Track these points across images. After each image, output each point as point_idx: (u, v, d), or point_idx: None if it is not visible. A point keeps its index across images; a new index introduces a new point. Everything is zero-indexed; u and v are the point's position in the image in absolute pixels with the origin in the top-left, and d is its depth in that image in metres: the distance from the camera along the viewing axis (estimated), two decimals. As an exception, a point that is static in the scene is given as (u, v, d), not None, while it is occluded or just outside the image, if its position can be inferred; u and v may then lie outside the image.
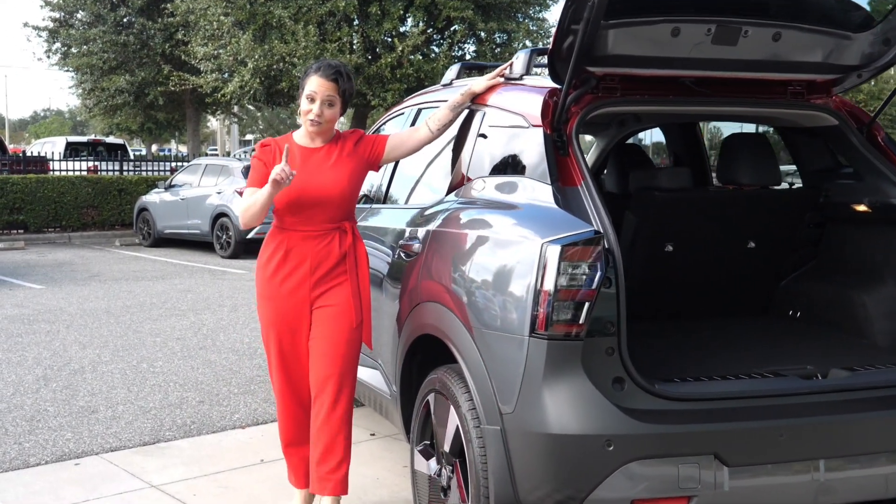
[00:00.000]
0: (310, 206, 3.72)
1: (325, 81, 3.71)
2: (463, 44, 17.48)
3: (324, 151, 3.79)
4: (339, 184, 3.74)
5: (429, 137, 3.88)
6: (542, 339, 2.91)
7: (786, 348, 3.69)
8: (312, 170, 3.73)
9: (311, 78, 3.73)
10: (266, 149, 3.79)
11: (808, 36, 3.58)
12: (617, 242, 2.98)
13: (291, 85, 16.43)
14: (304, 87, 3.74)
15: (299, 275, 3.78)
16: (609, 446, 2.84)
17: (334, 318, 3.79)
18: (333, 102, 3.73)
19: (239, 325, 9.06)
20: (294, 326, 3.84)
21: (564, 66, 3.34)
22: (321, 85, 3.71)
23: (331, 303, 3.79)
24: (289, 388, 3.96)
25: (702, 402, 3.01)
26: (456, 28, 17.05)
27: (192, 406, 6.00)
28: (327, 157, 3.78)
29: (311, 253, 3.76)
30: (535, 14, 18.59)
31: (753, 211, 4.04)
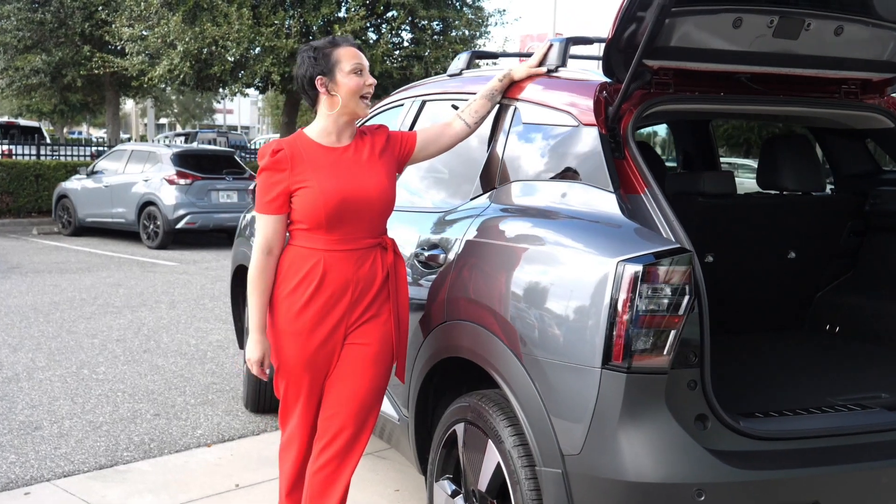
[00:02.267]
0: (351, 217, 3.08)
1: (355, 49, 3.14)
2: (400, 31, 16.99)
3: (352, 150, 3.16)
4: (381, 186, 3.13)
5: (466, 132, 3.37)
6: (618, 371, 2.52)
7: (850, 371, 3.39)
8: (347, 172, 3.10)
9: (340, 50, 3.10)
10: (281, 157, 3.07)
11: (870, 31, 3.27)
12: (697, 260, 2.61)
13: (223, 69, 15.74)
14: (335, 63, 3.08)
15: (339, 308, 3.12)
16: (700, 496, 2.47)
17: (371, 362, 3.19)
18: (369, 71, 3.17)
19: (181, 324, 8.49)
20: (324, 368, 3.21)
21: (622, 58, 2.97)
22: (357, 53, 3.12)
23: (367, 340, 3.18)
24: (310, 424, 3.31)
25: (794, 442, 2.67)
26: (394, 14, 16.56)
27: (148, 420, 5.47)
28: (358, 156, 3.16)
29: (354, 279, 3.12)
30: (474, 2, 18.21)
31: (797, 219, 3.74)
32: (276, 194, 3.07)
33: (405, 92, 4.42)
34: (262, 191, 3.10)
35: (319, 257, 3.10)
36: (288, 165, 3.07)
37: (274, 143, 3.13)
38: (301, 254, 3.12)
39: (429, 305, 3.37)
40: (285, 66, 15.37)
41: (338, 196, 3.05)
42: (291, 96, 17.71)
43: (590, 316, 2.59)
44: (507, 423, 2.90)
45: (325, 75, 3.12)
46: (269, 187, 3.08)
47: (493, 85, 3.42)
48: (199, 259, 13.73)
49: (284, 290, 3.13)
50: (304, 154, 3.10)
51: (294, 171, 3.07)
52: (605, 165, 2.87)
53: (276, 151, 3.09)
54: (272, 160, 3.08)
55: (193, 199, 14.88)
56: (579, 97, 3.10)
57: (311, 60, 3.13)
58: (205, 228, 15.21)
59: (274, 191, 3.07)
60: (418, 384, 3.42)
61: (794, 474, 2.56)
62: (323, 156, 3.12)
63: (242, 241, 5.68)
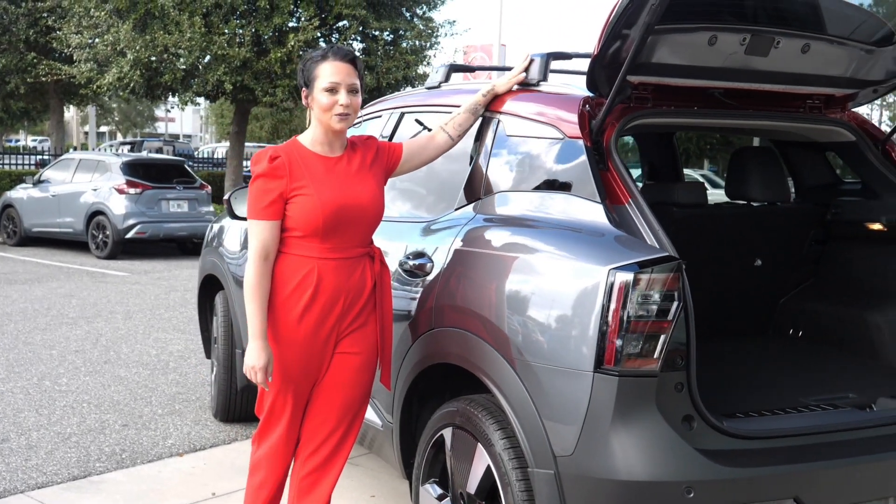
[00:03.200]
0: (345, 226, 3.13)
1: (342, 65, 3.12)
2: (351, 41, 17.03)
3: (345, 160, 3.21)
4: (373, 196, 3.21)
5: (449, 144, 3.46)
6: (611, 375, 2.62)
7: (817, 374, 3.54)
8: (342, 182, 3.14)
9: (324, 65, 3.11)
10: (279, 164, 3.09)
11: (835, 49, 3.44)
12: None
13: (174, 78, 15.64)
14: (315, 78, 3.12)
15: (333, 315, 3.17)
16: (689, 493, 2.58)
17: (360, 370, 3.27)
18: (356, 88, 3.15)
19: (139, 334, 8.44)
20: (314, 373, 3.25)
21: (605, 74, 3.09)
22: (340, 70, 3.11)
23: (356, 351, 3.25)
24: (291, 441, 3.36)
25: (774, 441, 2.79)
26: (346, 24, 16.61)
27: (117, 431, 5.46)
28: (351, 166, 3.21)
29: (345, 288, 3.17)
30: (424, 13, 18.34)
31: (764, 228, 3.89)
32: (272, 200, 3.08)
33: (383, 103, 4.50)
34: (258, 196, 3.10)
35: (313, 265, 3.14)
36: (286, 172, 3.09)
37: (270, 149, 3.16)
38: (294, 262, 3.14)
39: (415, 313, 3.44)
40: (237, 74, 15.33)
41: (335, 204, 3.10)
42: (241, 105, 17.65)
43: (582, 322, 2.69)
44: (497, 427, 2.99)
45: (307, 87, 3.18)
46: (265, 193, 3.09)
47: (476, 99, 3.50)
48: (150, 269, 13.62)
49: (279, 298, 3.15)
50: (300, 162, 3.14)
51: (292, 178, 3.09)
52: (592, 177, 2.98)
53: (273, 158, 3.10)
54: (270, 167, 3.09)
55: (143, 209, 14.76)
56: (564, 111, 3.21)
57: (301, 70, 3.20)
58: (155, 238, 15.08)
59: (270, 196, 3.08)
60: (404, 390, 3.49)
61: (776, 471, 2.68)
62: (319, 164, 3.16)
63: (210, 250, 5.70)
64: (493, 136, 3.47)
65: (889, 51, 3.52)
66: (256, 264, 3.10)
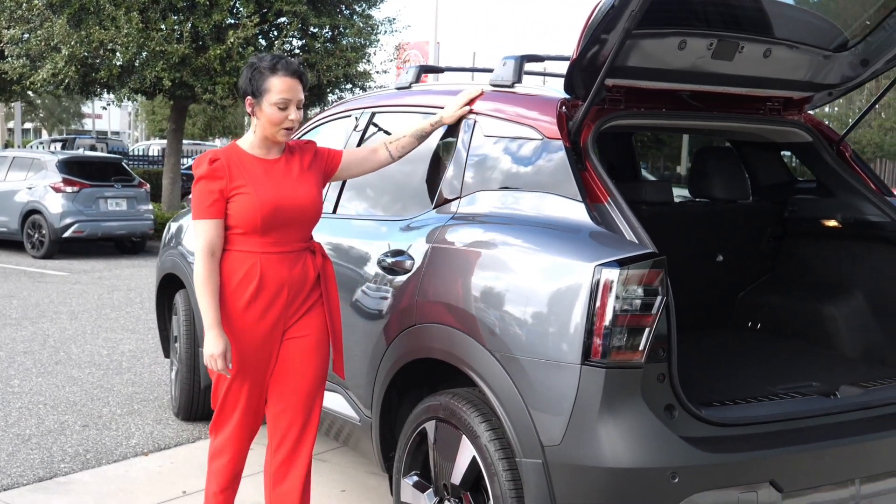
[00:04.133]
0: (284, 224, 3.29)
1: (292, 81, 3.25)
2: (291, 37, 16.94)
3: (283, 163, 3.36)
4: (311, 197, 3.37)
5: (388, 162, 3.65)
6: (598, 367, 2.74)
7: (779, 364, 3.69)
8: (279, 183, 3.30)
9: (273, 79, 3.23)
10: (218, 166, 3.25)
11: (794, 54, 3.60)
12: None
13: (111, 74, 15.39)
14: (265, 91, 3.23)
15: (278, 304, 3.32)
16: (674, 479, 2.70)
17: (309, 353, 3.41)
18: (302, 104, 3.31)
19: (88, 335, 8.35)
20: (265, 362, 3.39)
21: (582, 77, 3.20)
22: (290, 86, 3.25)
23: (304, 333, 3.40)
24: (247, 429, 3.50)
25: (750, 428, 2.94)
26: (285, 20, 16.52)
27: (77, 432, 5.42)
28: (288, 169, 3.36)
29: (288, 279, 3.33)
30: (364, 11, 18.31)
31: (725, 225, 4.05)
32: (214, 200, 3.24)
33: (352, 103, 4.55)
34: (201, 197, 3.25)
35: (256, 259, 3.29)
36: (225, 174, 3.25)
37: (210, 153, 3.30)
38: (238, 257, 3.30)
39: (395, 309, 3.52)
40: (176, 71, 15.15)
41: (272, 203, 3.25)
42: (179, 102, 17.44)
43: (568, 316, 2.80)
44: (482, 420, 3.08)
45: (254, 97, 3.28)
46: (207, 194, 3.24)
47: (423, 127, 3.66)
48: (90, 269, 13.42)
49: (227, 291, 3.29)
50: (239, 164, 3.29)
51: (231, 179, 3.25)
52: (573, 177, 3.09)
53: (213, 160, 3.26)
54: (210, 169, 3.25)
55: (81, 207, 14.53)
56: (542, 112, 3.31)
57: (247, 78, 3.30)
58: (93, 237, 14.86)
59: (212, 197, 3.24)
60: (384, 385, 3.57)
61: (753, 456, 2.83)
62: (257, 166, 3.31)
63: (170, 249, 5.70)
64: (469, 136, 3.56)
65: (844, 56, 3.69)
66: (204, 261, 3.24)
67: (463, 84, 3.92)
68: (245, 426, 3.49)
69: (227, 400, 3.43)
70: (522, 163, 3.31)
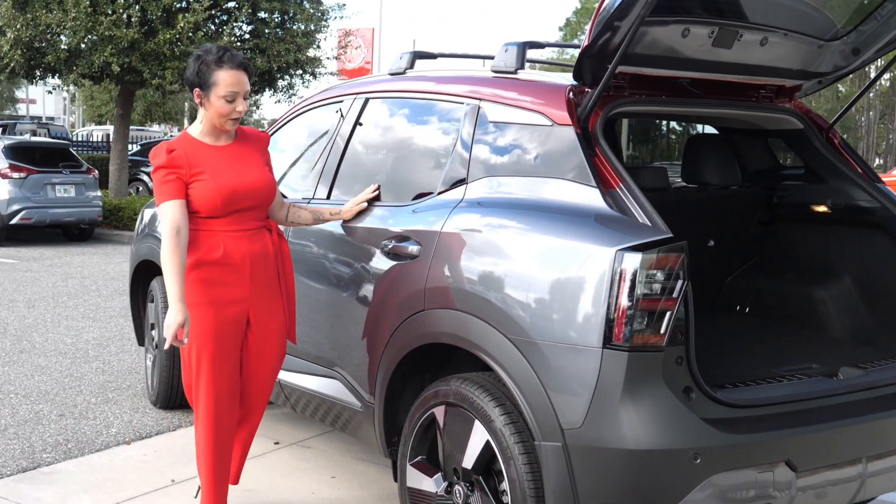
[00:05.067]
0: (241, 204, 3.53)
1: (238, 73, 3.46)
2: (241, 22, 16.72)
3: (235, 149, 3.59)
4: (265, 179, 3.62)
5: (280, 222, 3.86)
6: (620, 351, 2.77)
7: (775, 346, 3.77)
8: (233, 166, 3.53)
9: (220, 73, 3.44)
10: (176, 156, 3.47)
11: (790, 42, 3.67)
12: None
13: (57, 58, 15.06)
14: (212, 84, 3.44)
15: (240, 278, 3.57)
16: (696, 460, 2.76)
17: (274, 331, 3.71)
18: (248, 95, 3.55)
19: (49, 323, 8.20)
20: (234, 334, 3.62)
21: (591, 63, 3.23)
22: (237, 79, 3.46)
23: (268, 310, 3.67)
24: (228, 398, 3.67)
25: (764, 409, 3.00)
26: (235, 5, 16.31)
27: (54, 421, 5.33)
28: (239, 153, 3.59)
29: (249, 253, 3.58)
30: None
31: (717, 210, 4.12)
32: (175, 185, 3.44)
33: (342, 88, 4.52)
34: (163, 184, 3.45)
35: (219, 237, 3.54)
36: (184, 162, 3.46)
37: (165, 144, 3.51)
38: (203, 236, 3.53)
39: (400, 295, 3.52)
40: (125, 56, 14.88)
41: (229, 187, 3.48)
42: (127, 87, 17.13)
43: (589, 301, 2.83)
44: (496, 404, 3.10)
45: (201, 89, 3.48)
46: (168, 181, 3.44)
47: (324, 213, 3.92)
48: (39, 256, 13.16)
49: (194, 265, 3.50)
50: (194, 152, 3.51)
51: (190, 167, 3.46)
52: (586, 162, 3.12)
53: (170, 151, 3.47)
54: (169, 158, 3.45)
55: (28, 194, 14.26)
56: (551, 98, 3.33)
57: (195, 70, 3.49)
58: (41, 224, 14.59)
59: (173, 182, 3.44)
60: (389, 371, 3.57)
61: (769, 437, 2.89)
62: (210, 153, 3.53)
63: (145, 236, 5.62)
64: (474, 121, 3.56)
65: (836, 45, 3.78)
66: (171, 239, 3.40)
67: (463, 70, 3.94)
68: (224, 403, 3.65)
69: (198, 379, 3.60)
70: (531, 149, 3.33)
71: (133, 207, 16.15)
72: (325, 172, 4.25)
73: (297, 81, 18.26)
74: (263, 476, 4.54)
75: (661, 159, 15.18)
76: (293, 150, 4.79)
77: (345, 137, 4.23)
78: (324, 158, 4.31)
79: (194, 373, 3.62)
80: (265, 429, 5.24)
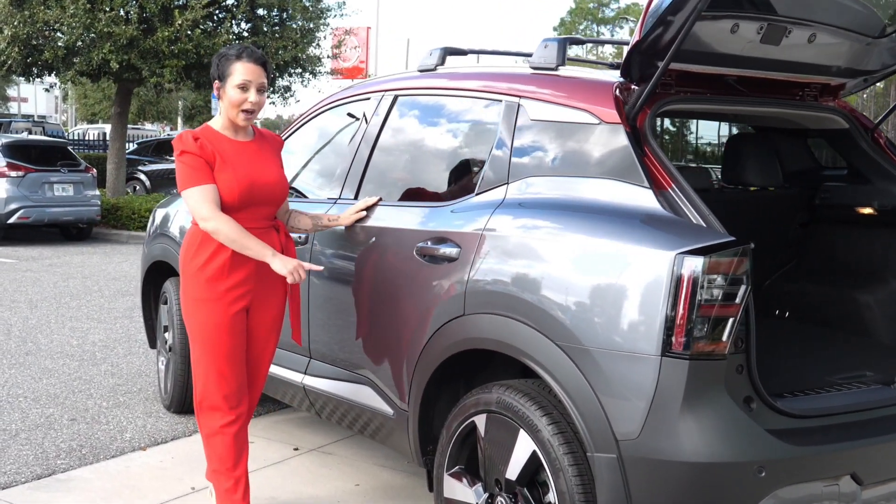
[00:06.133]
0: (256, 201, 3.56)
1: (254, 66, 3.52)
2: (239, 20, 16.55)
3: (254, 146, 3.63)
4: (280, 178, 3.67)
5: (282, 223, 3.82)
6: (680, 359, 2.65)
7: (826, 353, 3.66)
8: (252, 162, 3.57)
9: (237, 65, 3.50)
10: (202, 143, 3.50)
11: (838, 39, 3.56)
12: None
13: (55, 56, 14.89)
14: (229, 75, 3.50)
15: (247, 274, 3.56)
16: (761, 473, 2.64)
17: (272, 328, 3.74)
18: (264, 88, 3.57)
19: (53, 324, 8.05)
20: (241, 332, 3.63)
21: (642, 59, 3.11)
22: (252, 70, 3.51)
23: (269, 307, 3.69)
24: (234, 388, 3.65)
25: (826, 419, 2.89)
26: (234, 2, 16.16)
27: (66, 426, 5.19)
28: (259, 152, 3.64)
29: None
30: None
31: (758, 212, 4.00)
32: (206, 170, 3.47)
33: (369, 85, 4.39)
34: (192, 168, 3.47)
35: None
36: (209, 150, 3.49)
37: (189, 132, 3.53)
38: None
39: (438, 299, 3.39)
40: (124, 53, 14.71)
41: (247, 180, 3.50)
42: (125, 85, 16.96)
43: (647, 307, 2.71)
44: (542, 413, 2.98)
45: (220, 81, 3.56)
46: (198, 166, 3.47)
47: (322, 219, 3.92)
48: (38, 256, 13.00)
49: (198, 262, 3.53)
50: (217, 142, 3.54)
51: (213, 157, 3.49)
52: (637, 162, 3.00)
53: (196, 138, 3.49)
54: (196, 145, 3.48)
55: (26, 193, 14.10)
56: (598, 96, 3.21)
57: (216, 65, 3.58)
58: (39, 223, 14.44)
59: (203, 168, 3.47)
60: (425, 378, 3.44)
61: (835, 448, 2.78)
62: (231, 146, 3.56)
63: (159, 236, 5.49)
64: (513, 119, 3.44)
65: (885, 43, 3.66)
66: (216, 217, 3.44)
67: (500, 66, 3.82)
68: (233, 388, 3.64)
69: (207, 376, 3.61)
70: (577, 148, 3.21)
71: (131, 207, 15.99)
72: (353, 172, 4.12)
73: (296, 81, 18.11)
74: (285, 484, 4.41)
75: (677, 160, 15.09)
76: (316, 149, 4.67)
77: (373, 136, 4.10)
78: (350, 157, 4.18)
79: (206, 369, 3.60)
80: (283, 434, 5.14)
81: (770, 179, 3.96)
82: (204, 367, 3.61)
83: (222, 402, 3.63)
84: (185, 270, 3.63)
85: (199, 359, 3.63)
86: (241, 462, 3.70)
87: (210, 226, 3.44)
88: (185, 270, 3.63)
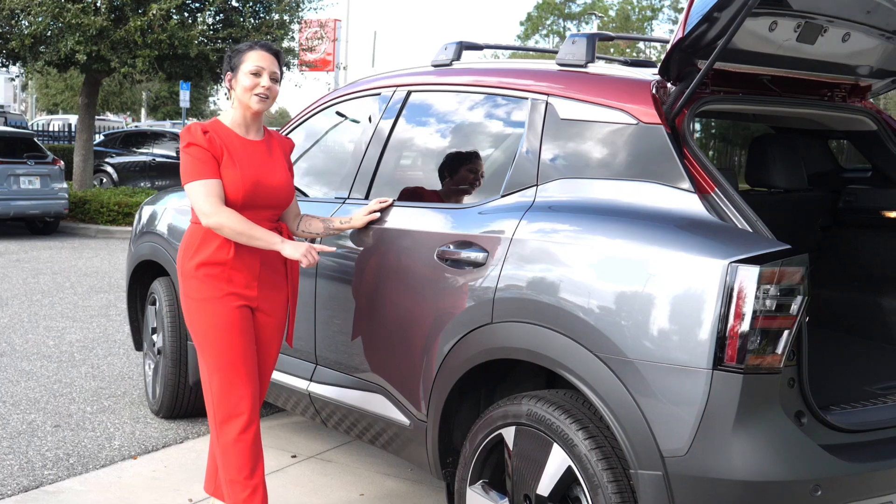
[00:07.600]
0: (260, 203, 3.44)
1: (267, 55, 3.45)
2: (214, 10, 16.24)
3: (263, 146, 3.52)
4: (287, 181, 3.55)
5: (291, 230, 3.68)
6: (733, 372, 2.52)
7: (857, 361, 3.55)
8: (260, 161, 3.45)
9: (251, 53, 3.43)
10: (211, 137, 3.38)
11: (871, 39, 3.45)
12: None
13: (22, 45, 14.50)
14: (242, 63, 3.42)
15: (249, 274, 3.44)
16: (816, 492, 2.52)
17: (275, 333, 3.61)
18: (277, 77, 3.47)
19: (26, 323, 7.79)
20: (250, 330, 3.47)
21: (682, 57, 2.98)
22: (265, 58, 3.43)
23: (272, 311, 3.56)
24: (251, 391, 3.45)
25: (878, 433, 2.77)
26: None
27: (50, 433, 4.97)
28: (268, 152, 3.52)
29: (260, 253, 3.44)
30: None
31: (781, 215, 3.88)
32: (213, 164, 3.35)
33: (379, 80, 4.21)
34: (198, 161, 3.34)
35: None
36: (217, 144, 3.38)
37: (197, 124, 3.41)
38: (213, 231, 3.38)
39: (463, 305, 3.23)
40: (93, 44, 14.37)
41: (254, 178, 3.39)
42: (92, 76, 16.59)
43: (697, 318, 2.57)
44: (578, 426, 2.84)
45: (232, 72, 3.47)
46: (205, 159, 3.35)
47: (334, 223, 3.75)
48: (4, 251, 12.66)
49: (199, 260, 3.40)
50: (225, 138, 3.42)
51: (220, 152, 3.37)
52: (680, 165, 2.86)
53: (206, 131, 3.38)
54: (205, 138, 3.36)
55: (-8, 185, 13.71)
56: (635, 95, 3.07)
57: (228, 58, 3.52)
58: (5, 217, 14.06)
59: (209, 161, 3.35)
60: (447, 387, 3.29)
61: (890, 464, 2.66)
62: (240, 144, 3.44)
63: (147, 235, 5.28)
64: (542, 118, 3.29)
65: None
66: (219, 212, 3.31)
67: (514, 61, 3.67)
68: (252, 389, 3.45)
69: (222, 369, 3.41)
70: (612, 149, 3.07)
71: (99, 200, 15.64)
72: (363, 171, 3.95)
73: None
74: (286, 494, 4.24)
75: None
76: (321, 147, 4.49)
77: (384, 133, 3.93)
78: (359, 156, 4.00)
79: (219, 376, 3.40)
80: (279, 440, 4.96)
81: (795, 182, 3.85)
82: (216, 373, 3.41)
83: (239, 408, 3.41)
84: (184, 271, 3.46)
85: (210, 364, 3.42)
86: (258, 470, 3.47)
87: (213, 221, 3.31)
88: (185, 270, 3.45)
